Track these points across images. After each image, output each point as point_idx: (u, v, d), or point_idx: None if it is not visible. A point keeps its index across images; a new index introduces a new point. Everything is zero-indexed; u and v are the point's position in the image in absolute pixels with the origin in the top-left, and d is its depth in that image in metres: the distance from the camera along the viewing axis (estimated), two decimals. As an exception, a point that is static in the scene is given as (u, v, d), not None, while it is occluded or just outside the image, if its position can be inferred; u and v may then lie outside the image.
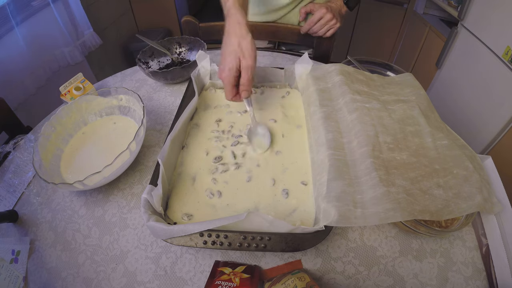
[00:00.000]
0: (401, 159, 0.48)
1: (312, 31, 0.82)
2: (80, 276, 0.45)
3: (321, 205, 0.41)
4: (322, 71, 0.64)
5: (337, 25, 0.80)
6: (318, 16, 0.78)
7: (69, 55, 1.36)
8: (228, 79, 0.51)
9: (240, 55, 0.50)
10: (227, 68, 0.50)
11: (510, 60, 1.04)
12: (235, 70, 0.50)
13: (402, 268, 0.43)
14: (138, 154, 0.57)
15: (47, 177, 0.48)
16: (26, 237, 0.49)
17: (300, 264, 0.44)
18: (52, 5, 1.24)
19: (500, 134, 1.15)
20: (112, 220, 0.50)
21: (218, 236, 0.40)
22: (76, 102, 0.60)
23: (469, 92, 1.30)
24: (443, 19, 1.60)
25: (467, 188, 0.44)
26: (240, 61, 0.50)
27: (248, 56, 0.50)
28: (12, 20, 1.08)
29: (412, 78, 0.64)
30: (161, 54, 0.80)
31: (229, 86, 0.52)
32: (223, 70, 0.51)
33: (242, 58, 0.50)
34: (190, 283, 0.43)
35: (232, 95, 0.53)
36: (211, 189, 0.49)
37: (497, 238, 0.43)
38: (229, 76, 0.51)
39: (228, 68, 0.50)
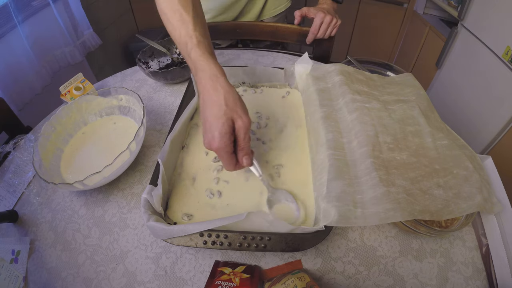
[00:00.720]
0: (401, 159, 0.48)
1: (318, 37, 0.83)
2: (80, 276, 0.45)
3: (321, 205, 0.41)
4: (322, 71, 0.64)
5: (338, 22, 0.81)
6: (319, 21, 0.79)
7: (69, 55, 1.36)
8: (223, 149, 0.41)
9: (232, 115, 0.41)
10: (219, 134, 0.40)
11: (510, 60, 1.04)
12: (230, 135, 0.41)
13: (402, 268, 0.43)
14: (138, 154, 0.57)
15: (47, 177, 0.48)
16: (26, 237, 0.49)
17: (300, 264, 0.44)
18: (52, 5, 1.24)
19: (500, 134, 1.15)
20: (112, 220, 0.50)
21: (218, 236, 0.40)
22: (76, 102, 0.60)
23: (469, 92, 1.30)
24: (443, 19, 1.60)
25: (467, 188, 0.44)
26: (233, 123, 0.41)
27: (242, 114, 0.41)
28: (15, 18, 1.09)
29: (412, 78, 0.64)
30: (161, 54, 0.80)
31: (226, 156, 0.42)
32: (212, 138, 0.40)
33: (236, 117, 0.41)
34: (190, 283, 0.43)
35: (234, 165, 0.43)
36: (211, 189, 0.49)
37: (497, 238, 0.43)
38: (224, 145, 0.40)
39: (220, 135, 0.40)
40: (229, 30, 0.94)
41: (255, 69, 0.67)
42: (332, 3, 0.83)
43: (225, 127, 0.40)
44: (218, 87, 0.41)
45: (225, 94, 0.41)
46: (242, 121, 0.41)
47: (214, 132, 0.40)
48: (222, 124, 0.40)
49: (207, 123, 0.41)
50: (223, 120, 0.40)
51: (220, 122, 0.40)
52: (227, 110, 0.40)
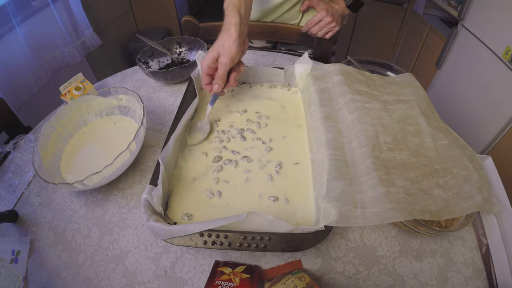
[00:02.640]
0: (401, 159, 0.48)
1: (310, 32, 0.82)
2: (80, 276, 0.45)
3: (321, 205, 0.41)
4: (322, 71, 0.64)
5: (336, 28, 0.80)
6: (318, 18, 0.79)
7: (69, 55, 1.36)
8: (204, 68, 0.57)
9: (220, 51, 0.55)
10: (206, 57, 0.56)
11: (510, 60, 1.04)
12: (211, 61, 0.55)
13: (402, 268, 0.43)
14: (138, 154, 0.57)
15: (47, 177, 0.48)
16: (26, 237, 0.49)
17: (300, 264, 0.44)
18: (51, 5, 1.24)
19: (500, 134, 1.15)
20: (112, 220, 0.50)
21: (218, 236, 0.40)
22: (76, 102, 0.60)
23: (469, 92, 1.30)
24: (443, 19, 1.59)
25: (467, 188, 0.44)
26: (219, 56, 0.55)
27: (226, 54, 0.54)
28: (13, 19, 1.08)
29: (412, 78, 0.64)
30: (161, 54, 0.80)
31: (203, 73, 0.58)
32: (205, 58, 0.57)
33: (221, 54, 0.55)
34: (190, 283, 0.43)
35: (205, 83, 0.59)
36: (211, 189, 0.49)
37: (497, 238, 0.43)
38: (205, 65, 0.56)
39: (206, 57, 0.56)
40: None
41: (255, 69, 0.67)
42: (345, 8, 0.81)
43: (211, 55, 0.55)
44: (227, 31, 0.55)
45: (227, 38, 0.54)
46: (223, 58, 0.55)
47: (207, 55, 0.56)
48: (211, 52, 0.56)
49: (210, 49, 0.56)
50: (213, 51, 0.55)
51: (213, 52, 0.55)
52: (220, 47, 0.55)
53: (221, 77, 0.56)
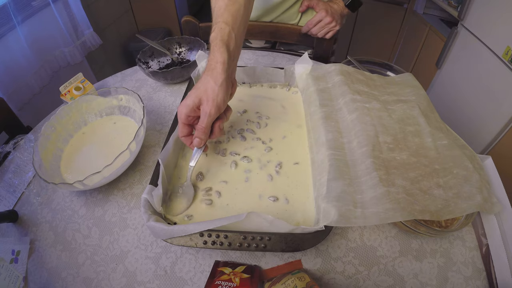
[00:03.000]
0: (401, 159, 0.48)
1: (311, 32, 0.82)
2: (80, 276, 0.45)
3: (321, 205, 0.41)
4: (322, 71, 0.64)
5: (337, 27, 0.80)
6: (318, 18, 0.79)
7: (69, 55, 1.36)
8: (180, 115, 0.46)
9: (203, 97, 0.44)
10: (185, 103, 0.45)
11: (510, 60, 1.04)
12: (190, 109, 0.45)
13: (402, 268, 0.43)
14: (138, 154, 0.57)
15: (47, 177, 0.48)
16: (26, 237, 0.49)
17: (300, 264, 0.44)
18: (52, 5, 1.24)
19: (500, 134, 1.15)
20: (112, 220, 0.50)
21: (218, 236, 0.40)
22: (76, 102, 0.60)
23: (469, 92, 1.30)
24: (443, 19, 1.60)
25: (467, 188, 0.44)
26: (200, 103, 0.45)
27: (211, 101, 0.44)
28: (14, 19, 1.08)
29: (412, 78, 0.64)
30: (161, 54, 0.80)
31: (180, 122, 0.47)
32: (181, 104, 0.46)
33: (204, 101, 0.45)
34: (190, 283, 0.43)
35: (182, 134, 0.48)
36: (211, 189, 0.49)
37: (497, 238, 0.43)
38: (181, 113, 0.46)
39: (185, 104, 0.45)
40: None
41: (255, 69, 0.67)
42: (343, 7, 0.82)
43: (191, 102, 0.45)
44: (210, 74, 0.45)
45: (210, 81, 0.44)
46: (207, 106, 0.44)
47: (184, 101, 0.46)
48: (190, 98, 0.45)
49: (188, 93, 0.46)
50: (193, 96, 0.45)
51: (192, 96, 0.45)
52: (202, 92, 0.44)
53: (203, 130, 0.46)
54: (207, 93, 0.44)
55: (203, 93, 0.44)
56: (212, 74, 0.44)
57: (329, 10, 0.78)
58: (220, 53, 0.45)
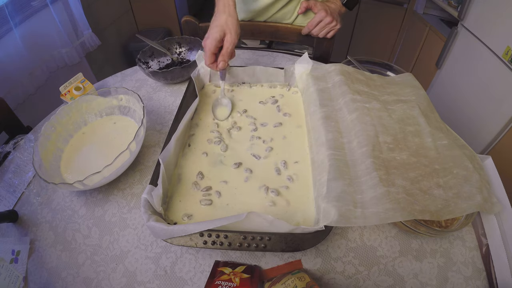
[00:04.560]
0: (401, 159, 0.48)
1: (311, 33, 0.82)
2: (80, 276, 0.45)
3: (321, 205, 0.41)
4: (322, 71, 0.64)
5: (337, 26, 0.80)
6: (318, 19, 0.79)
7: (67, 56, 1.35)
8: (209, 46, 0.58)
9: (226, 29, 0.58)
10: (212, 37, 0.57)
11: (510, 60, 1.04)
12: (218, 41, 0.58)
13: (402, 268, 0.43)
14: (138, 154, 0.57)
15: (47, 177, 0.48)
16: (26, 237, 0.49)
17: (300, 264, 0.44)
18: (50, 6, 1.24)
19: (500, 134, 1.15)
20: (112, 220, 0.50)
21: (218, 236, 0.40)
22: (76, 102, 0.60)
23: (469, 92, 1.30)
24: (443, 19, 1.60)
25: (467, 188, 0.44)
26: (224, 35, 0.58)
27: (233, 32, 0.58)
28: (11, 21, 1.08)
29: (412, 78, 0.64)
30: (161, 54, 0.80)
31: (209, 52, 0.59)
32: (207, 38, 0.58)
33: (227, 32, 0.58)
34: (190, 283, 0.43)
35: (210, 62, 0.60)
36: (211, 189, 0.49)
37: (497, 238, 0.43)
38: (210, 44, 0.58)
39: (212, 37, 0.57)
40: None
41: (255, 69, 0.67)
42: (341, 6, 0.82)
43: (217, 34, 0.58)
44: (226, 10, 0.59)
45: (227, 16, 0.58)
46: (230, 36, 0.58)
47: (210, 35, 0.58)
48: (216, 31, 0.58)
49: (209, 29, 0.59)
50: (218, 29, 0.58)
51: (216, 30, 0.58)
52: (224, 26, 0.58)
53: (229, 54, 0.59)
54: (228, 26, 0.58)
55: (225, 26, 0.58)
56: (228, 11, 0.58)
57: (328, 10, 0.78)
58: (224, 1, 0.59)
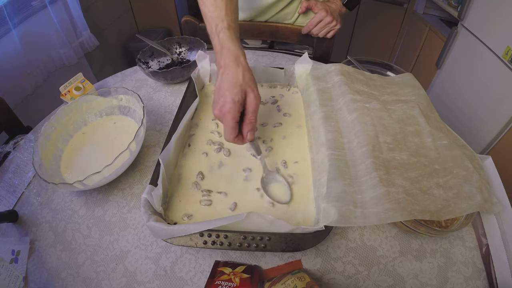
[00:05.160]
0: (401, 159, 0.48)
1: (311, 33, 0.82)
2: (80, 276, 0.45)
3: (321, 205, 0.41)
4: (322, 71, 0.64)
5: (337, 26, 0.80)
6: (318, 18, 0.79)
7: (65, 57, 1.35)
8: (233, 114, 0.43)
9: (246, 88, 0.44)
10: (232, 100, 0.43)
11: (510, 60, 1.04)
12: (240, 105, 0.44)
13: (402, 268, 0.43)
14: (138, 154, 0.57)
15: (47, 177, 0.48)
16: (26, 237, 0.49)
17: (300, 264, 0.44)
18: (49, 7, 1.23)
19: (500, 134, 1.15)
20: (112, 220, 0.50)
21: (218, 236, 0.40)
22: (76, 102, 0.60)
23: (469, 92, 1.30)
24: (443, 19, 1.60)
25: (467, 188, 0.44)
26: (246, 96, 0.44)
27: (255, 89, 0.45)
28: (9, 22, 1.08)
29: (412, 78, 0.64)
30: (161, 54, 0.80)
31: (232, 122, 0.44)
32: (224, 103, 0.43)
33: (250, 91, 0.44)
34: (190, 283, 0.43)
35: (235, 135, 0.45)
36: (211, 189, 0.49)
37: (497, 238, 0.43)
38: (234, 111, 0.43)
39: (233, 101, 0.43)
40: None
41: (255, 69, 0.66)
42: (341, 6, 0.82)
43: (239, 96, 0.43)
44: (239, 64, 0.45)
45: (243, 71, 0.45)
46: (254, 95, 0.44)
47: (227, 98, 0.43)
48: (236, 93, 0.43)
49: (221, 91, 0.44)
50: (237, 90, 0.43)
51: (235, 91, 0.43)
52: (243, 83, 0.44)
53: (256, 119, 0.45)
54: (248, 83, 0.44)
55: (245, 85, 0.44)
56: (242, 66, 0.45)
57: (328, 10, 0.78)
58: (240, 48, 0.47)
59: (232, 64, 0.45)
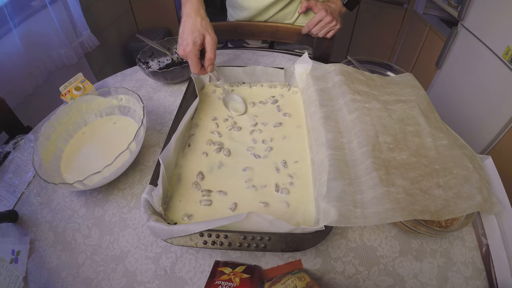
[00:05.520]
0: (401, 159, 0.48)
1: (311, 32, 0.82)
2: (80, 276, 0.45)
3: (321, 205, 0.41)
4: (322, 71, 0.64)
5: (337, 26, 0.80)
6: (318, 18, 0.79)
7: (65, 57, 1.35)
8: (194, 53, 0.55)
9: (204, 32, 0.55)
10: (192, 42, 0.55)
11: (510, 60, 1.04)
12: (199, 45, 0.56)
13: (402, 268, 0.43)
14: (138, 154, 0.57)
15: (47, 177, 0.48)
16: (26, 237, 0.49)
17: (300, 264, 0.44)
18: (49, 7, 1.23)
19: (500, 134, 1.15)
20: (112, 220, 0.50)
21: (218, 236, 0.40)
22: (76, 102, 0.60)
23: (469, 92, 1.30)
24: (443, 19, 1.60)
25: (467, 188, 0.44)
26: (204, 37, 0.56)
27: (211, 32, 0.56)
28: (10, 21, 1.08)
29: (412, 78, 0.64)
30: (161, 54, 0.80)
31: (195, 59, 0.56)
32: (187, 45, 0.55)
33: (207, 34, 0.55)
34: (190, 283, 0.43)
35: (198, 69, 0.57)
36: (211, 189, 0.49)
37: (497, 238, 0.43)
38: (194, 50, 0.55)
39: (193, 42, 0.55)
40: (230, 30, 0.94)
41: (255, 69, 0.67)
42: (341, 6, 0.82)
43: (197, 38, 0.55)
44: (198, 14, 0.56)
45: (201, 19, 0.56)
46: (210, 37, 0.56)
47: (188, 40, 0.55)
48: (195, 36, 0.55)
49: (184, 35, 0.56)
50: (196, 34, 0.55)
51: (195, 34, 0.55)
52: (201, 28, 0.56)
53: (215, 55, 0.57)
54: (204, 27, 0.56)
55: (202, 29, 0.55)
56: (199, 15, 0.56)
57: (328, 10, 0.78)
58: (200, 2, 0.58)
59: (192, 14, 0.56)
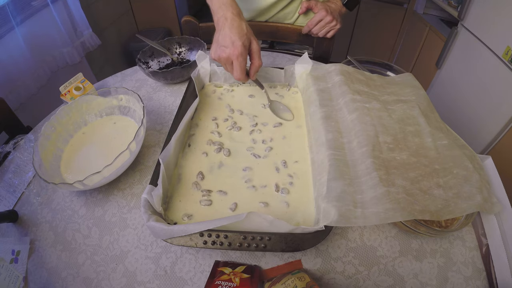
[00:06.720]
0: (401, 159, 0.48)
1: (311, 32, 0.83)
2: (80, 276, 0.45)
3: (321, 205, 0.41)
4: (322, 71, 0.64)
5: (337, 26, 0.80)
6: (318, 18, 0.79)
7: (68, 56, 1.36)
8: (244, 56, 0.52)
9: (251, 37, 0.54)
10: (243, 45, 0.51)
11: (510, 60, 1.04)
12: (248, 49, 0.53)
13: (402, 268, 0.43)
14: (138, 154, 0.57)
15: (47, 177, 0.48)
16: (26, 237, 0.49)
17: (300, 264, 0.44)
18: (51, 6, 1.24)
19: (500, 134, 1.15)
20: (112, 220, 0.50)
21: (218, 236, 0.40)
22: (76, 102, 0.60)
23: (469, 92, 1.30)
24: (443, 19, 1.60)
25: (467, 188, 0.44)
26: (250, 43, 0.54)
27: (255, 38, 0.54)
28: (12, 20, 1.09)
29: (412, 78, 0.64)
30: (161, 54, 0.80)
31: (244, 63, 0.53)
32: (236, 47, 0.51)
33: (253, 40, 0.54)
34: (190, 283, 0.43)
35: (245, 74, 0.55)
36: (211, 189, 0.49)
37: (497, 238, 0.43)
38: (245, 53, 0.52)
39: (244, 45, 0.52)
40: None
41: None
42: (341, 6, 0.82)
43: (246, 42, 0.53)
44: (242, 18, 0.54)
45: (246, 24, 0.54)
46: (256, 43, 0.55)
47: (238, 43, 0.52)
48: (244, 40, 0.52)
49: (232, 37, 0.52)
50: (245, 38, 0.52)
51: (243, 38, 0.52)
52: (248, 33, 0.54)
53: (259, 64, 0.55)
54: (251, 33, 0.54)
55: (249, 34, 0.54)
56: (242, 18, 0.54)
57: (328, 10, 0.78)
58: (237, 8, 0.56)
59: (236, 18, 0.53)
